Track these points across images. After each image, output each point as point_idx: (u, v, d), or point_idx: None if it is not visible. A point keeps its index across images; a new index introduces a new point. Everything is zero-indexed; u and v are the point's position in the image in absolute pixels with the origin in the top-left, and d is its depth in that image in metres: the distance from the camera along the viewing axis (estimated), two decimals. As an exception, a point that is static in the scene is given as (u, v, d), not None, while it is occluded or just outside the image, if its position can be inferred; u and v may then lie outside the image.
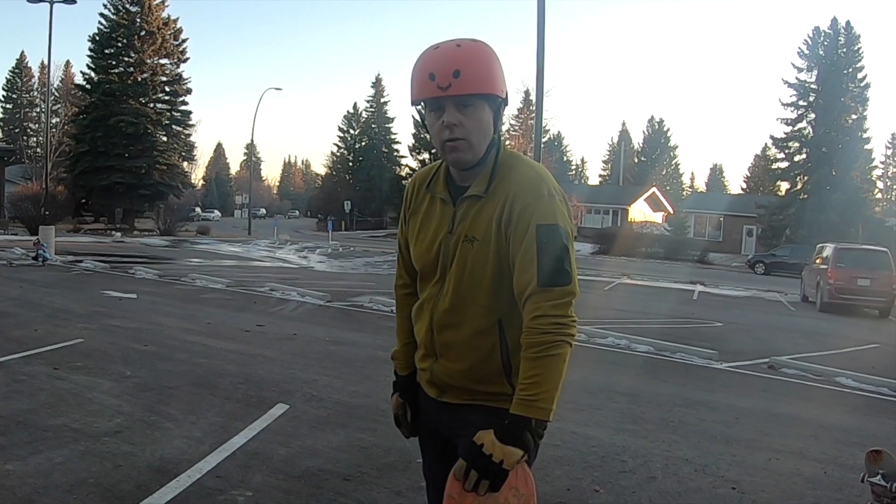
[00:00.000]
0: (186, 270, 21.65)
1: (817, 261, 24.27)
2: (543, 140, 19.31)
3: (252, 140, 68.37)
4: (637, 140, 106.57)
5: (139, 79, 55.38)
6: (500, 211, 2.38)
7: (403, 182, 71.51)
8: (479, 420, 2.39)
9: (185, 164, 64.09)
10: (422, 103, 2.43)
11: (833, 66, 54.40)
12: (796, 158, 57.06)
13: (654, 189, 77.03)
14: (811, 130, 55.76)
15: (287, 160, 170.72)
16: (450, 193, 2.52)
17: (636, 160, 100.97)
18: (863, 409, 9.00)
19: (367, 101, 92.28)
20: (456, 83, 2.30)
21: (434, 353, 2.55)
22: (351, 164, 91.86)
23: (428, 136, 2.54)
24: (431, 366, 2.57)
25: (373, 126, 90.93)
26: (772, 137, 58.59)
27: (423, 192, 2.60)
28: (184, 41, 58.11)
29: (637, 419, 7.67)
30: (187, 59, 58.56)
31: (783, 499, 5.44)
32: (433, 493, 2.70)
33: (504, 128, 2.50)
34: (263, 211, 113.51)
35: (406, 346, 2.79)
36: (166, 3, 57.22)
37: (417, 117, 2.49)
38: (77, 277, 18.65)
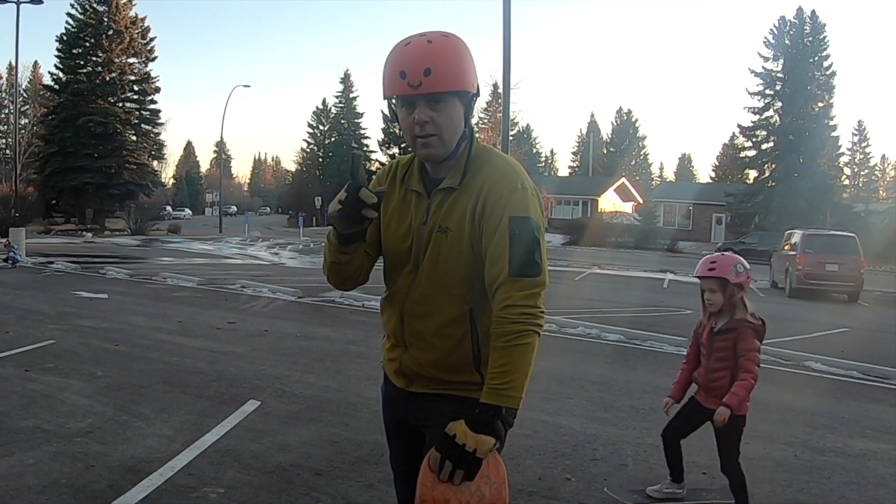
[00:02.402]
0: (157, 269, 21.49)
1: (786, 247, 24.47)
2: (512, 133, 19.32)
3: (222, 138, 68.25)
4: (606, 131, 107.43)
5: (107, 78, 54.79)
6: (473, 202, 2.40)
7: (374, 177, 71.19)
8: (449, 410, 2.41)
9: (155, 163, 63.60)
10: (394, 98, 2.43)
11: (799, 54, 54.85)
12: (764, 146, 57.44)
13: (623, 179, 77.54)
14: (778, 119, 56.14)
15: (257, 157, 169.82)
16: (424, 186, 2.53)
17: (605, 151, 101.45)
18: (833, 393, 9.09)
19: (337, 97, 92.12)
20: (427, 81, 2.30)
21: (403, 342, 2.57)
22: (321, 159, 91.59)
23: (398, 131, 2.54)
24: (400, 356, 2.59)
25: (342, 122, 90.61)
26: (739, 126, 59.02)
27: (399, 185, 2.60)
28: (152, 40, 57.59)
29: (608, 407, 7.73)
30: (155, 57, 58.10)
31: (753, 483, 5.48)
32: (402, 484, 2.72)
33: (473, 121, 2.50)
34: (234, 208, 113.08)
35: None
36: (133, 2, 56.63)
37: (387, 112, 2.49)
38: (48, 279, 18.51)
